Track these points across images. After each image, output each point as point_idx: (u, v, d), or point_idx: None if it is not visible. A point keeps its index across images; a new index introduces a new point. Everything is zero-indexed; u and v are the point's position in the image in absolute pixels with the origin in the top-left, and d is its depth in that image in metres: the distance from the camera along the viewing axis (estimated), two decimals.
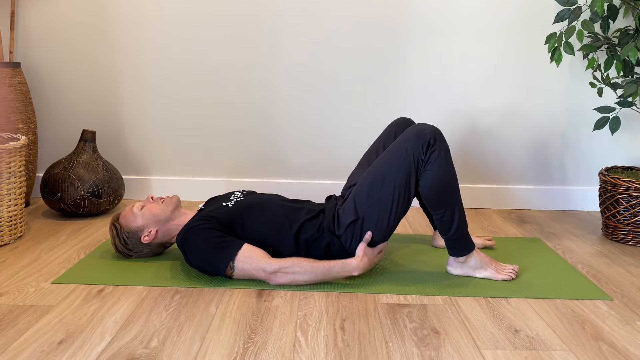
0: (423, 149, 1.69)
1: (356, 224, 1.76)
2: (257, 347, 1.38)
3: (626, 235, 2.20)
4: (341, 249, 1.79)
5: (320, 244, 1.79)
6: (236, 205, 1.82)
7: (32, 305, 1.58)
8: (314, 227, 1.79)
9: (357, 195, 1.77)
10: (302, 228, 1.79)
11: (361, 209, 1.75)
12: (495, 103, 2.63)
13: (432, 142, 1.69)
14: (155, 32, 2.60)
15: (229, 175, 2.73)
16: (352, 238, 1.77)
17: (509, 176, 2.70)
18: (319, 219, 1.81)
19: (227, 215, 1.78)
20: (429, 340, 1.42)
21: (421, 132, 1.71)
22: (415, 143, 1.70)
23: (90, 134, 2.46)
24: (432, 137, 1.69)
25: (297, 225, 1.78)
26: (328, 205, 1.87)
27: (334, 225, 1.79)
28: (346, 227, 1.76)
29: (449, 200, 1.72)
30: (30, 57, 2.64)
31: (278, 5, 2.56)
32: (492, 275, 1.80)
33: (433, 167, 1.70)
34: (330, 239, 1.79)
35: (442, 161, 1.70)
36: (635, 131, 2.64)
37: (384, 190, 1.73)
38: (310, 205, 1.90)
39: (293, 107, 2.66)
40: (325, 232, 1.79)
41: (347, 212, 1.77)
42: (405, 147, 1.71)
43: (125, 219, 1.87)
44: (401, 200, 1.73)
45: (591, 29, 2.19)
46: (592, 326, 1.52)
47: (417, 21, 2.57)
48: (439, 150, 1.70)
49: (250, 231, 1.78)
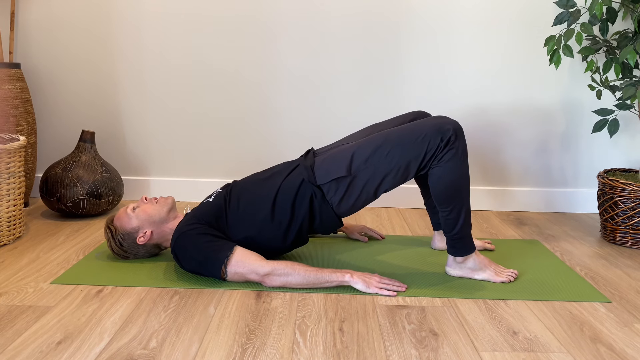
0: (441, 143, 1.67)
1: (344, 180, 1.73)
2: (255, 348, 1.38)
3: (624, 238, 2.21)
4: (322, 201, 1.76)
5: (303, 199, 1.76)
6: (216, 199, 1.84)
7: (31, 305, 1.58)
8: (293, 183, 1.77)
9: (356, 153, 1.73)
10: (280, 189, 1.77)
11: (355, 168, 1.72)
12: (494, 105, 2.64)
13: (453, 140, 1.67)
14: (155, 34, 2.60)
15: (227, 177, 2.73)
16: (335, 192, 1.74)
17: (507, 178, 2.71)
18: (294, 174, 1.79)
19: (210, 211, 1.79)
20: (428, 342, 1.42)
21: (444, 126, 1.68)
22: (436, 134, 1.67)
23: (90, 134, 2.46)
24: (453, 134, 1.67)
25: (275, 189, 1.77)
26: (306, 158, 1.83)
27: (314, 174, 1.76)
28: (331, 180, 1.73)
29: (458, 199, 1.72)
30: (30, 58, 2.64)
31: (277, 6, 2.57)
32: (490, 277, 1.80)
33: (448, 164, 1.68)
34: (312, 190, 1.75)
35: (458, 160, 1.69)
36: (633, 134, 2.65)
37: (386, 160, 1.70)
38: (283, 165, 1.88)
39: (291, 109, 2.66)
40: (305, 184, 1.76)
41: (339, 165, 1.74)
42: (425, 133, 1.68)
43: (119, 220, 1.87)
44: (396, 178, 1.71)
45: (590, 32, 2.19)
46: (591, 328, 1.52)
47: (416, 23, 2.57)
48: (457, 149, 1.68)
49: (233, 218, 1.78)
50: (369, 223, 2.44)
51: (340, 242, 2.17)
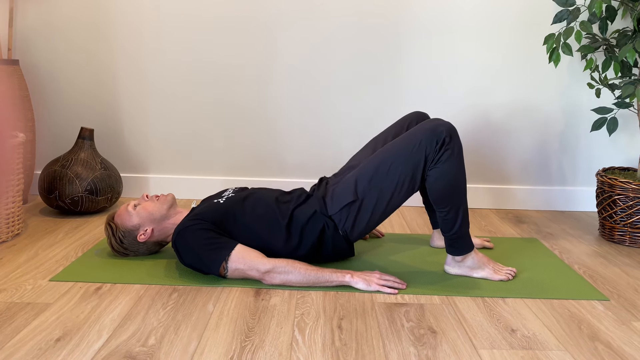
0: (437, 146, 1.68)
1: (353, 205, 1.74)
2: (254, 345, 1.38)
3: (623, 236, 2.21)
4: (334, 231, 1.78)
5: (314, 228, 1.77)
6: (227, 202, 1.82)
7: (30, 302, 1.58)
8: (305, 213, 1.78)
9: (359, 177, 1.75)
10: (292, 217, 1.78)
11: (361, 191, 1.74)
12: (493, 103, 2.64)
13: (447, 141, 1.68)
14: (154, 31, 2.60)
15: (226, 174, 2.73)
16: (346, 219, 1.76)
17: (506, 176, 2.71)
18: (308, 203, 1.80)
19: (219, 213, 1.78)
20: (426, 340, 1.43)
21: (437, 129, 1.69)
22: (430, 139, 1.68)
23: (89, 131, 2.45)
24: (447, 135, 1.68)
25: (288, 216, 1.78)
26: (319, 188, 1.85)
27: (325, 206, 1.78)
28: (342, 207, 1.75)
29: (456, 199, 1.72)
30: (28, 54, 2.64)
31: (276, 5, 2.56)
32: (489, 275, 1.80)
33: (444, 165, 1.68)
34: (324, 221, 1.77)
35: (454, 161, 1.69)
36: (632, 132, 2.65)
37: (388, 177, 1.71)
38: (299, 192, 1.89)
39: (290, 106, 2.66)
40: (318, 215, 1.77)
41: (346, 192, 1.76)
42: (419, 140, 1.69)
43: (120, 218, 1.87)
44: (403, 191, 1.72)
45: (589, 30, 2.19)
46: (589, 326, 1.52)
47: (415, 22, 2.57)
48: (452, 150, 1.68)
49: (242, 227, 1.78)
50: None
51: None
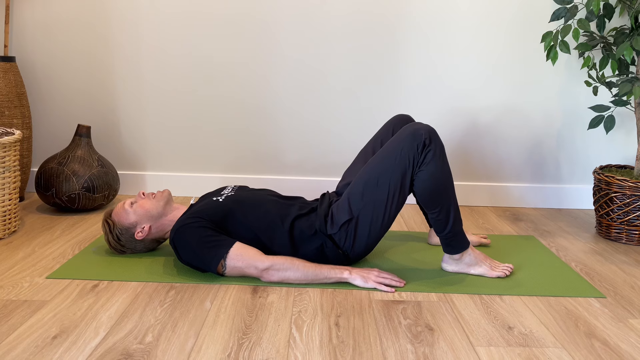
0: (418, 149, 1.69)
1: (350, 223, 1.75)
2: (251, 342, 1.38)
3: (619, 234, 2.22)
4: (334, 250, 1.78)
5: (311, 244, 1.78)
6: (226, 201, 1.82)
7: (26, 300, 1.57)
8: (305, 226, 1.78)
9: (351, 194, 1.77)
10: (294, 225, 1.78)
11: (356, 208, 1.75)
12: (490, 101, 2.64)
13: (428, 143, 1.69)
14: (151, 28, 2.59)
15: (224, 172, 2.73)
16: (345, 238, 1.76)
17: (504, 174, 2.71)
18: (310, 218, 1.80)
19: (218, 211, 1.78)
20: (423, 337, 1.43)
21: (416, 132, 1.70)
22: (411, 143, 1.69)
23: (86, 129, 2.45)
24: (427, 137, 1.69)
25: (289, 222, 1.78)
26: (321, 205, 1.84)
27: (325, 225, 1.78)
28: (340, 227, 1.76)
29: (444, 199, 1.72)
30: (25, 51, 2.63)
31: (274, 3, 2.56)
32: (486, 272, 1.81)
33: (428, 167, 1.69)
34: (322, 240, 1.77)
35: (437, 161, 1.70)
36: (629, 130, 2.66)
37: (379, 190, 1.72)
38: (302, 201, 1.90)
39: (288, 104, 2.66)
40: (318, 234, 1.78)
41: (341, 212, 1.77)
42: (401, 147, 1.71)
43: (117, 215, 1.87)
44: (395, 200, 1.73)
45: (587, 28, 2.19)
46: (585, 323, 1.53)
47: (413, 20, 2.57)
48: (434, 150, 1.69)
49: (241, 227, 1.77)
50: None
51: None
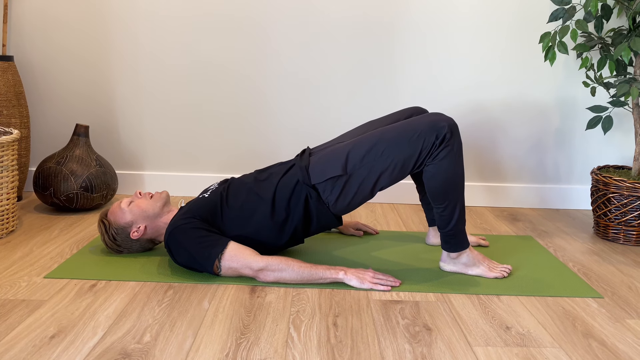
0: (437, 141, 1.66)
1: (339, 179, 1.73)
2: (249, 342, 1.38)
3: (617, 234, 2.22)
4: (318, 201, 1.76)
5: (298, 200, 1.76)
6: (212, 195, 1.83)
7: (24, 299, 1.57)
8: (287, 185, 1.77)
9: (352, 151, 1.73)
10: (276, 191, 1.78)
11: (351, 167, 1.72)
12: (488, 102, 2.64)
13: (448, 137, 1.66)
14: (150, 27, 2.59)
15: (221, 171, 2.73)
16: (331, 191, 1.74)
17: (502, 174, 2.72)
18: (289, 174, 1.79)
19: (207, 208, 1.79)
20: (421, 337, 1.43)
21: (439, 123, 1.67)
22: (431, 132, 1.67)
23: (84, 128, 2.45)
24: (448, 131, 1.66)
25: (272, 191, 1.78)
26: (301, 159, 1.82)
27: (308, 175, 1.76)
28: (327, 179, 1.74)
29: (453, 196, 1.72)
30: (23, 51, 2.63)
31: (270, 4, 2.56)
32: (484, 272, 1.81)
33: (443, 162, 1.67)
34: (306, 191, 1.76)
35: (454, 158, 1.68)
36: (627, 131, 2.66)
37: (381, 159, 1.70)
38: (277, 166, 1.88)
39: (286, 104, 2.66)
40: (300, 185, 1.76)
41: (334, 164, 1.73)
42: (419, 131, 1.67)
43: (113, 215, 1.87)
44: (391, 175, 1.71)
45: (585, 29, 2.20)
46: (583, 323, 1.53)
47: (411, 20, 2.57)
48: (452, 146, 1.67)
49: (229, 218, 1.78)
50: (363, 219, 2.45)
51: (335, 238, 2.17)
